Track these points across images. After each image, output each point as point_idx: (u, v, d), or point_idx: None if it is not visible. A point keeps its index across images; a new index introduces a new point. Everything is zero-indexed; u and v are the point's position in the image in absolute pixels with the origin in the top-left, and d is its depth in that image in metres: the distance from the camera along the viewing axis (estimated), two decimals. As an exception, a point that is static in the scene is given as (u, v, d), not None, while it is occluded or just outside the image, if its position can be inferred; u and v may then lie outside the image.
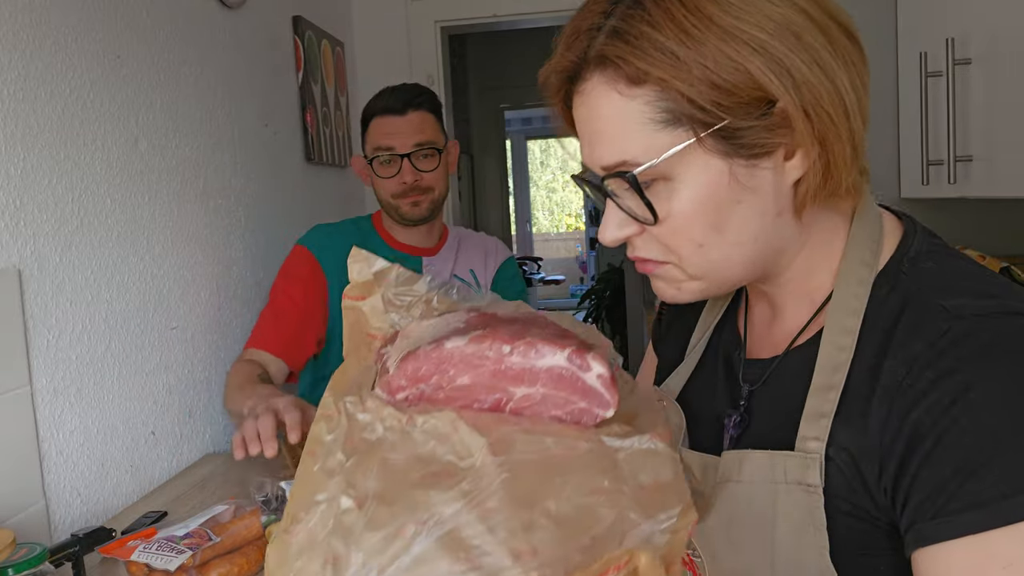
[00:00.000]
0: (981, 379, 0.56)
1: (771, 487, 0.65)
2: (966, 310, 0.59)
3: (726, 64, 0.58)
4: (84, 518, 1.17)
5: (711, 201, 0.62)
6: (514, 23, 2.86)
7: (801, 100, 0.59)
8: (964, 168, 1.61)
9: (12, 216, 1.06)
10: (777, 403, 0.69)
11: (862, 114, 0.63)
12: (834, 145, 0.61)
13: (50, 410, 1.12)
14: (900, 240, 0.68)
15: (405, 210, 1.65)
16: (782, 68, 0.58)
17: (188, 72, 1.53)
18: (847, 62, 0.61)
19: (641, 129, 0.61)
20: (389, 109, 1.64)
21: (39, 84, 1.12)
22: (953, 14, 1.69)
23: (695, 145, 0.61)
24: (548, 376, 0.57)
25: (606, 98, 0.62)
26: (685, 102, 0.59)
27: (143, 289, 1.35)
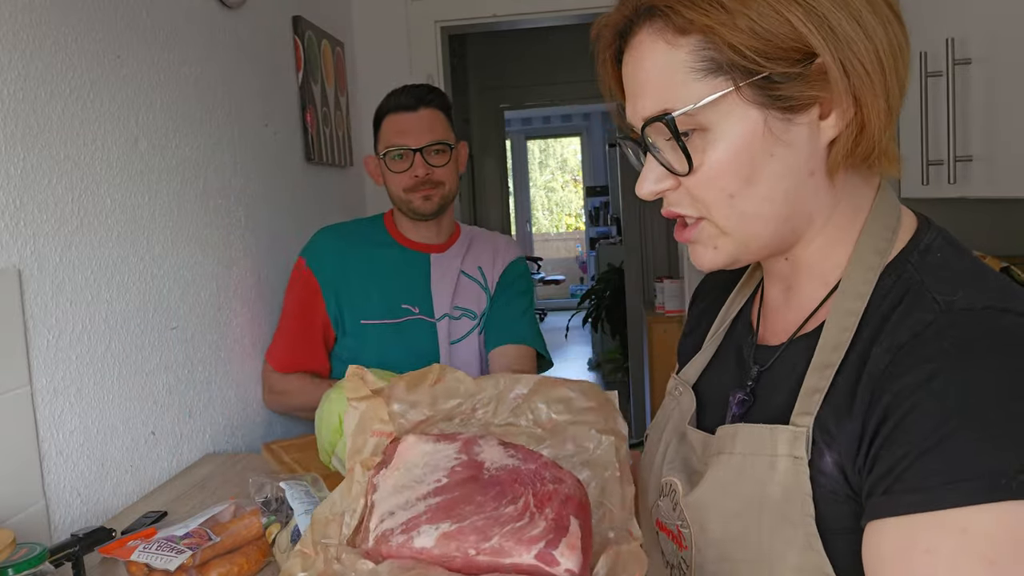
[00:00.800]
0: (951, 368, 0.57)
1: (761, 459, 0.67)
2: (956, 304, 0.60)
3: (769, 15, 0.60)
4: (84, 518, 1.17)
5: (745, 152, 0.64)
6: (514, 23, 2.86)
7: (840, 54, 0.61)
8: (964, 168, 1.61)
9: (12, 216, 1.06)
10: (780, 384, 0.71)
11: (899, 79, 0.65)
12: (870, 104, 0.63)
13: (50, 410, 1.12)
14: (914, 233, 0.69)
15: (416, 204, 1.69)
16: (823, 22, 0.60)
17: (188, 72, 1.53)
18: (886, 25, 0.63)
19: (684, 78, 0.64)
20: (402, 106, 1.69)
21: (39, 84, 1.12)
22: (953, 14, 1.69)
23: (733, 94, 0.63)
24: (516, 569, 0.61)
25: (653, 48, 0.65)
26: (728, 50, 0.61)
27: (143, 289, 1.35)
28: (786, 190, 0.66)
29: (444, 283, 1.74)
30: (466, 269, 1.78)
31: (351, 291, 1.70)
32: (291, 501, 0.98)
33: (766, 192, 0.65)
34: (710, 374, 0.83)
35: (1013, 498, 0.53)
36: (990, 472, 0.53)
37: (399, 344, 1.67)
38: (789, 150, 0.64)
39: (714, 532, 0.70)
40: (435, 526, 0.63)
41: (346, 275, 1.71)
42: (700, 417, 0.80)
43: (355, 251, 1.73)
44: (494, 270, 1.81)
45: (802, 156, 0.65)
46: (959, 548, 0.54)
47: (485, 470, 0.68)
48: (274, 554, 0.96)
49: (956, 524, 0.54)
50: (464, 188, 5.07)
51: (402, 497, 0.66)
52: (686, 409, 0.81)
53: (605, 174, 9.64)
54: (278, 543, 0.96)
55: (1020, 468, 0.53)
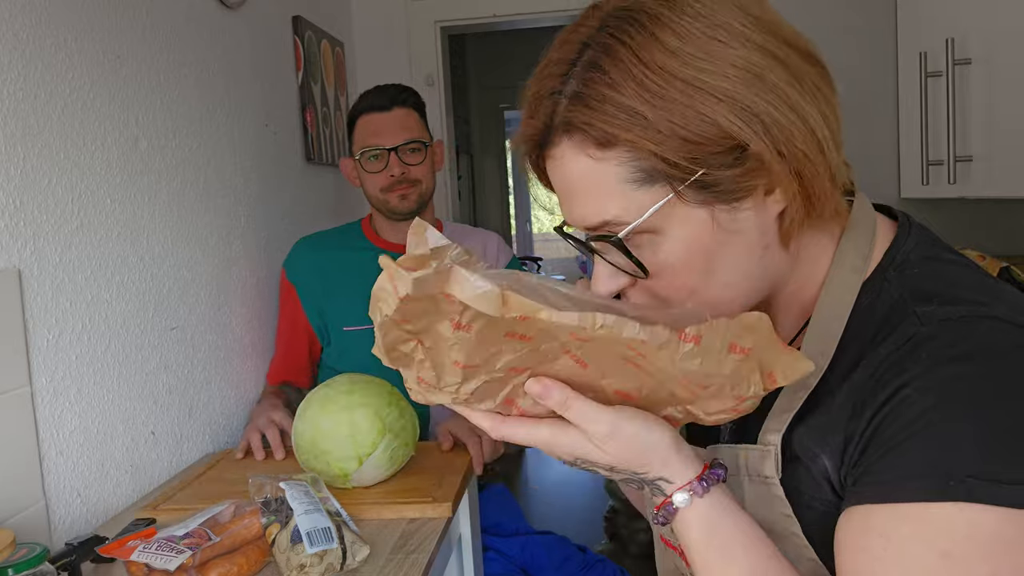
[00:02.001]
0: (924, 377, 0.57)
1: (737, 480, 0.69)
2: (935, 316, 0.60)
3: (693, 117, 0.58)
4: (84, 518, 1.17)
5: (698, 249, 0.63)
6: (514, 23, 2.86)
7: (773, 142, 0.59)
8: (964, 168, 1.61)
9: (12, 216, 1.06)
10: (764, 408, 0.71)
11: (835, 141, 0.63)
12: (812, 178, 0.61)
13: (50, 410, 1.12)
14: (891, 244, 0.69)
15: (394, 204, 1.69)
16: (749, 113, 0.58)
17: (188, 72, 1.53)
18: (814, 93, 0.61)
19: (618, 189, 0.62)
20: (375, 107, 1.69)
21: (39, 84, 1.12)
22: (953, 14, 1.69)
23: (675, 199, 0.61)
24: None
25: (577, 162, 0.63)
26: (658, 160, 0.59)
27: (143, 289, 1.35)
28: (745, 272, 0.65)
29: None
30: None
31: (333, 300, 1.70)
32: (291, 501, 0.98)
33: (726, 279, 0.64)
34: None
35: (960, 500, 0.54)
36: (939, 473, 0.55)
37: None
38: (740, 236, 0.63)
39: None
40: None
41: (326, 285, 1.71)
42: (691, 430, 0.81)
43: (334, 259, 1.73)
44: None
45: (754, 236, 0.64)
46: (912, 535, 0.55)
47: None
48: (274, 554, 0.96)
49: (912, 515, 0.56)
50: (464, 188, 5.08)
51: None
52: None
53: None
54: (278, 543, 0.96)
55: (970, 472, 0.54)
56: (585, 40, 0.61)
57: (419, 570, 0.97)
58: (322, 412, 1.21)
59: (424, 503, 1.13)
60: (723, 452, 0.71)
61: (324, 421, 1.20)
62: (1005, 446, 0.54)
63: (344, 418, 1.19)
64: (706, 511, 0.63)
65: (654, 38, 0.59)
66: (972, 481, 0.54)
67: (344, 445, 1.18)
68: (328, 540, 0.94)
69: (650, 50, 0.59)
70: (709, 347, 0.57)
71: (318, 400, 1.23)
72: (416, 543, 1.04)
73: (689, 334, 0.57)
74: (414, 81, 2.67)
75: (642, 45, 0.59)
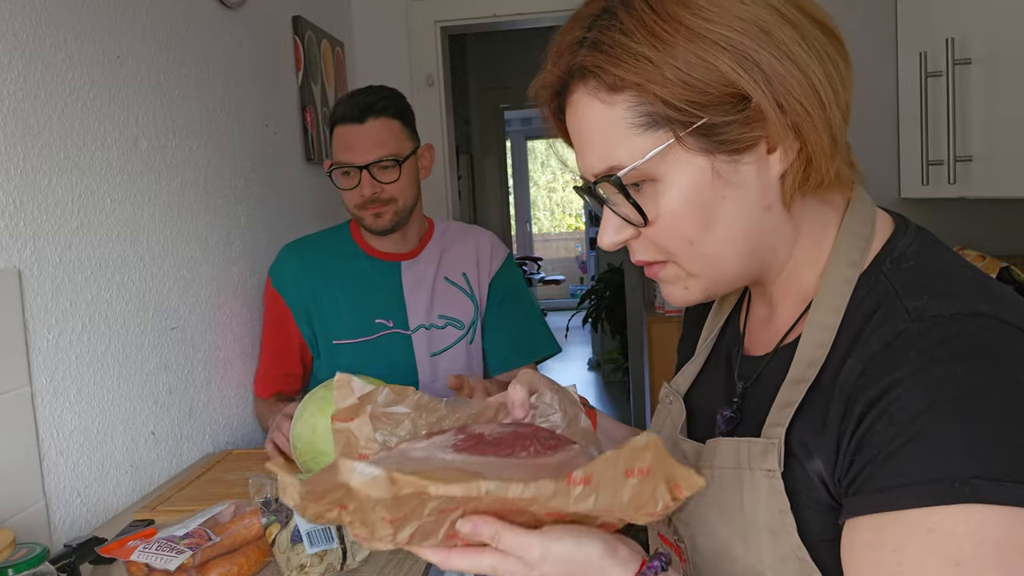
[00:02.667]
0: (916, 376, 0.57)
1: (737, 472, 0.68)
2: (927, 312, 0.60)
3: (697, 64, 0.60)
4: (84, 518, 1.17)
5: (697, 198, 0.64)
6: (514, 23, 2.85)
7: (773, 92, 0.61)
8: (964, 168, 1.61)
9: (12, 216, 1.06)
10: (763, 399, 0.71)
11: (840, 106, 0.64)
12: (810, 135, 0.63)
13: (50, 410, 1.12)
14: (888, 239, 0.69)
15: (368, 222, 1.60)
16: (751, 63, 0.60)
17: (188, 72, 1.53)
18: (821, 55, 0.63)
19: (624, 134, 0.64)
20: (347, 117, 1.56)
21: (39, 84, 1.12)
22: (953, 14, 1.69)
23: (676, 145, 0.63)
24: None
25: (590, 107, 0.65)
26: (661, 104, 0.62)
27: (143, 289, 1.35)
28: (744, 229, 0.66)
29: (419, 292, 1.66)
30: (449, 276, 1.69)
31: (321, 311, 1.63)
32: (291, 501, 0.98)
33: (724, 234, 0.66)
34: (701, 382, 0.83)
35: (967, 502, 0.54)
36: (943, 477, 0.54)
37: (375, 361, 1.59)
38: (741, 191, 0.64)
39: (704, 547, 0.71)
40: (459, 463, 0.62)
41: (315, 294, 1.63)
42: (692, 427, 0.81)
43: (321, 267, 1.65)
44: (480, 275, 1.72)
45: (754, 193, 0.65)
46: (925, 548, 0.55)
47: (486, 436, 0.68)
48: (274, 554, 0.96)
49: (921, 524, 0.55)
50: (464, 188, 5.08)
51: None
52: (676, 419, 0.81)
53: (605, 174, 9.61)
54: (278, 543, 0.96)
55: (974, 473, 0.54)
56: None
57: (419, 570, 0.97)
58: (319, 413, 1.21)
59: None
60: (724, 446, 0.70)
61: (321, 422, 1.20)
62: (1005, 445, 0.54)
63: None
64: None
65: None
66: (977, 482, 0.53)
67: None
68: (328, 540, 0.94)
69: (664, 1, 0.62)
70: (602, 482, 0.58)
71: (315, 402, 1.24)
72: (416, 543, 1.04)
73: (577, 477, 0.57)
74: (414, 81, 2.67)
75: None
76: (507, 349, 1.73)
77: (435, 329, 1.66)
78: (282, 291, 1.64)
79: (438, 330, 1.66)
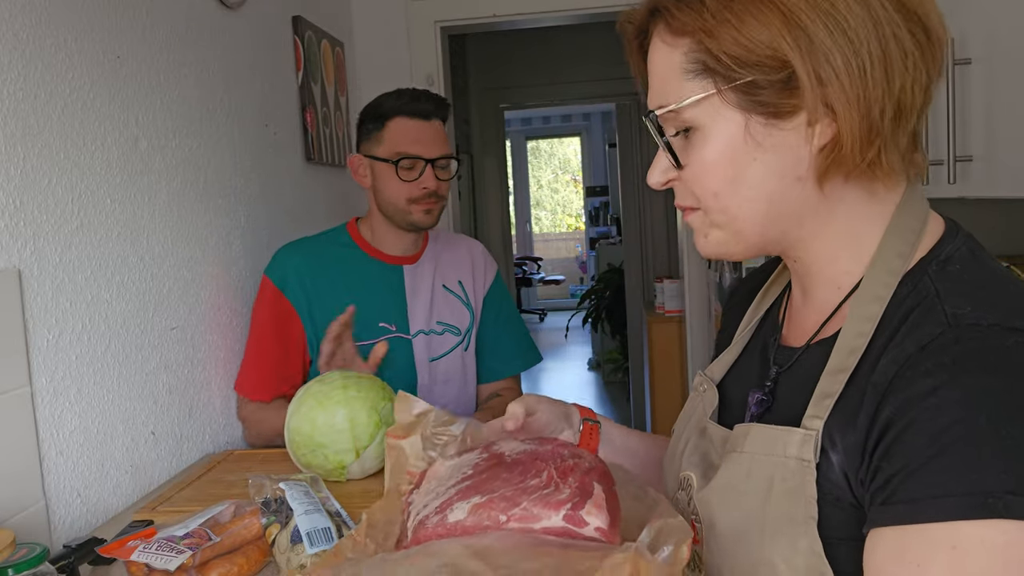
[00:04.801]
0: (949, 384, 0.57)
1: (770, 459, 0.68)
2: (965, 318, 0.60)
3: (751, 23, 0.62)
4: (84, 518, 1.17)
5: (727, 153, 0.66)
6: (514, 23, 2.86)
7: (814, 64, 0.61)
8: (964, 168, 1.61)
9: (12, 216, 1.06)
10: (797, 388, 0.71)
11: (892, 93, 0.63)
12: (844, 115, 0.62)
13: (50, 410, 1.12)
14: (939, 240, 0.68)
15: (417, 217, 1.61)
16: (801, 32, 0.61)
17: (188, 72, 1.54)
18: (885, 36, 0.62)
19: (677, 77, 0.67)
20: (417, 113, 1.60)
21: (39, 84, 1.12)
22: (953, 14, 1.69)
23: (716, 97, 0.65)
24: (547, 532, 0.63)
25: (659, 48, 0.69)
26: (710, 55, 0.64)
27: (143, 289, 1.35)
28: (770, 194, 0.67)
29: (420, 297, 1.67)
30: (447, 283, 1.71)
31: (326, 312, 1.58)
32: (291, 501, 0.98)
33: (749, 194, 0.67)
34: (736, 371, 0.83)
35: (1000, 517, 0.53)
36: (977, 490, 0.54)
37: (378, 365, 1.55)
38: (773, 155, 0.65)
39: (721, 528, 0.70)
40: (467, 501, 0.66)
41: (319, 295, 1.62)
42: (723, 414, 0.81)
43: (325, 267, 1.64)
44: (475, 288, 1.75)
45: (788, 161, 0.65)
46: (948, 565, 0.54)
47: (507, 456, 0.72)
48: (274, 554, 0.96)
49: (946, 540, 0.54)
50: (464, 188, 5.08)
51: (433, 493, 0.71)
52: (708, 405, 0.81)
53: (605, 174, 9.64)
54: (278, 543, 0.96)
55: (1008, 489, 0.53)
56: None
57: (419, 570, 0.97)
58: (319, 407, 1.22)
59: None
60: (757, 431, 0.70)
61: (321, 415, 1.21)
62: None
63: (342, 411, 1.21)
64: None
65: None
66: (1011, 498, 0.53)
67: (342, 438, 1.20)
68: (328, 540, 0.94)
69: None
70: None
71: (313, 395, 1.24)
72: (416, 543, 1.04)
73: None
74: (414, 81, 2.67)
75: None
76: (496, 359, 1.78)
77: (434, 335, 1.68)
78: (285, 290, 1.61)
79: (437, 336, 1.68)
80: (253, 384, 1.61)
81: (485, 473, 0.70)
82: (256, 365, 1.61)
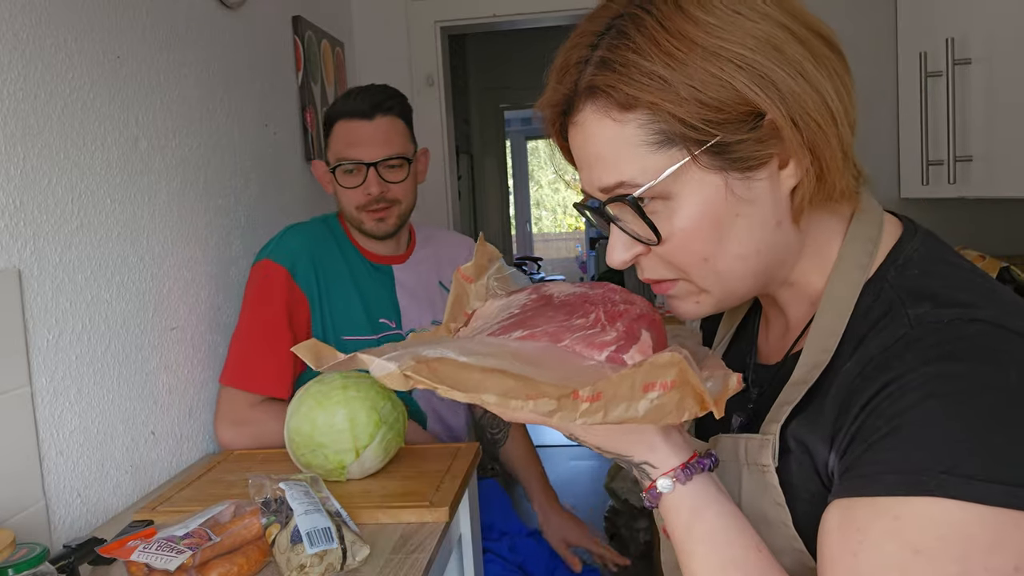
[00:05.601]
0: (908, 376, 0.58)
1: (735, 467, 0.71)
2: (926, 317, 0.61)
3: (712, 82, 0.60)
4: (84, 518, 1.17)
5: (711, 216, 0.64)
6: (514, 23, 2.86)
7: (788, 110, 0.61)
8: (964, 168, 1.61)
9: (12, 216, 1.06)
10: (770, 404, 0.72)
11: (849, 121, 0.65)
12: (824, 151, 0.63)
13: (50, 410, 1.12)
14: (895, 244, 0.69)
15: (369, 226, 1.54)
16: (766, 81, 0.60)
17: (188, 72, 1.54)
18: (830, 72, 0.63)
19: (636, 151, 0.63)
20: (356, 112, 1.51)
21: (39, 84, 1.12)
22: (953, 14, 1.69)
23: (690, 163, 0.63)
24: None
25: (600, 125, 0.65)
26: (676, 122, 0.61)
27: (143, 289, 1.35)
28: (757, 245, 0.66)
29: (413, 296, 1.62)
30: (444, 280, 1.66)
31: (333, 302, 1.54)
32: (291, 501, 0.98)
33: (739, 250, 0.66)
34: None
35: (931, 495, 0.55)
36: (915, 468, 0.55)
37: None
38: (754, 207, 0.65)
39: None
40: (509, 335, 0.65)
41: (328, 284, 1.54)
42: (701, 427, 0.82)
43: (331, 256, 1.56)
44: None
45: (768, 209, 0.65)
46: (887, 532, 0.56)
47: (555, 297, 0.71)
48: (274, 554, 0.96)
49: (889, 510, 0.56)
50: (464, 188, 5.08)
51: (479, 329, 0.70)
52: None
53: (605, 174, 9.60)
54: (278, 543, 0.96)
55: (945, 469, 0.54)
56: (614, 13, 0.64)
57: (419, 570, 0.97)
58: (319, 407, 1.22)
59: (422, 507, 1.13)
60: (724, 442, 0.72)
61: (321, 415, 1.21)
62: (981, 444, 0.55)
63: (342, 411, 1.21)
64: (690, 499, 0.64)
65: (679, 9, 0.62)
66: (945, 477, 0.54)
67: (342, 438, 1.20)
68: (328, 540, 0.94)
69: (674, 19, 0.61)
70: (614, 398, 0.58)
71: (312, 396, 1.24)
72: (416, 543, 1.04)
73: (584, 395, 0.58)
74: (414, 81, 2.67)
75: (667, 15, 0.62)
76: None
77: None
78: (295, 274, 1.51)
79: None
80: (269, 378, 1.46)
81: (532, 311, 0.69)
82: (269, 356, 1.46)
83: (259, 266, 1.53)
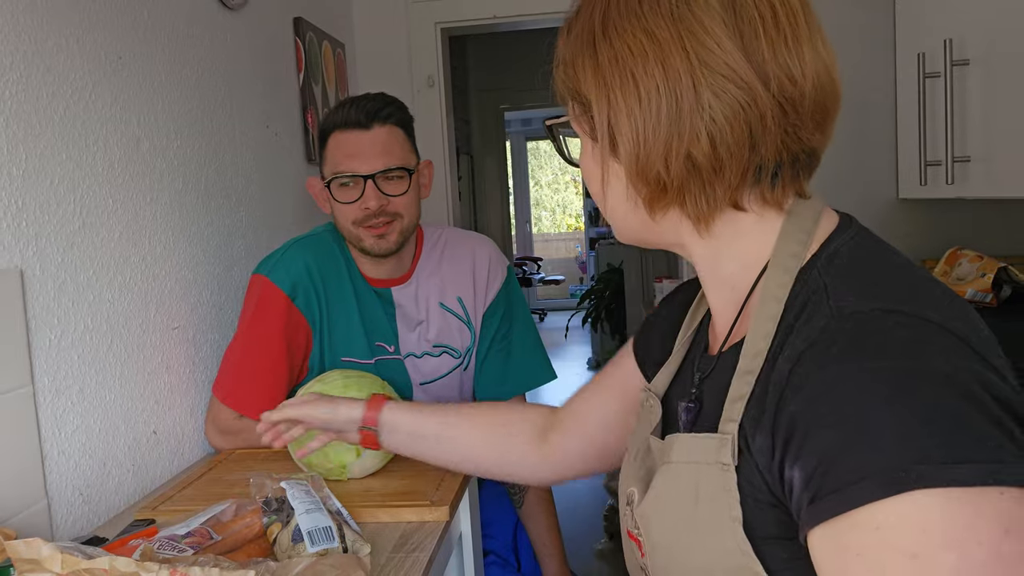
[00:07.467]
0: (840, 374, 0.58)
1: (694, 467, 0.69)
2: (847, 309, 0.61)
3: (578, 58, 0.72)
4: (86, 517, 1.18)
5: (588, 163, 0.76)
6: (514, 24, 2.86)
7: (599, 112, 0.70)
8: (962, 169, 1.61)
9: (14, 217, 1.07)
10: (716, 394, 0.72)
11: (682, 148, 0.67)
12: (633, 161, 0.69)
13: (52, 410, 1.12)
14: (828, 237, 0.70)
15: (369, 243, 1.43)
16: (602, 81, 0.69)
17: (190, 73, 1.54)
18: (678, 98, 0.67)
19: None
20: (351, 123, 1.41)
21: (41, 85, 1.13)
22: (951, 15, 1.69)
23: (576, 112, 0.75)
24: None
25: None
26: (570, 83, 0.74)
27: (145, 289, 1.35)
28: (623, 212, 0.75)
29: (411, 320, 1.53)
30: (444, 301, 1.55)
31: (334, 323, 1.47)
32: (292, 500, 0.99)
33: (611, 203, 0.75)
34: (676, 384, 0.85)
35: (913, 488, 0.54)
36: (888, 467, 0.55)
37: None
38: (615, 179, 0.73)
39: (657, 539, 0.72)
40: None
41: (330, 307, 1.47)
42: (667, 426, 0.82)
43: (336, 275, 1.48)
44: (476, 301, 1.57)
45: (621, 185, 0.73)
46: (879, 546, 0.55)
47: None
48: (275, 554, 0.96)
49: (869, 522, 0.55)
50: (464, 188, 5.08)
51: None
52: (654, 419, 0.83)
53: (605, 175, 9.60)
54: (279, 542, 0.96)
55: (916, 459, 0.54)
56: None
57: (419, 569, 0.97)
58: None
59: (422, 506, 1.13)
60: (682, 440, 0.72)
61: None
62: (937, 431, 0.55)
63: None
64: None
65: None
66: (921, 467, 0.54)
67: None
68: (329, 539, 0.94)
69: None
70: None
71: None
72: (417, 542, 1.05)
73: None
74: (414, 82, 2.67)
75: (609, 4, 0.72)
76: (498, 378, 1.59)
77: (429, 357, 1.54)
78: (295, 299, 1.46)
79: (433, 358, 1.54)
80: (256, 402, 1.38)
81: None
82: (259, 380, 1.43)
83: (259, 282, 1.47)
